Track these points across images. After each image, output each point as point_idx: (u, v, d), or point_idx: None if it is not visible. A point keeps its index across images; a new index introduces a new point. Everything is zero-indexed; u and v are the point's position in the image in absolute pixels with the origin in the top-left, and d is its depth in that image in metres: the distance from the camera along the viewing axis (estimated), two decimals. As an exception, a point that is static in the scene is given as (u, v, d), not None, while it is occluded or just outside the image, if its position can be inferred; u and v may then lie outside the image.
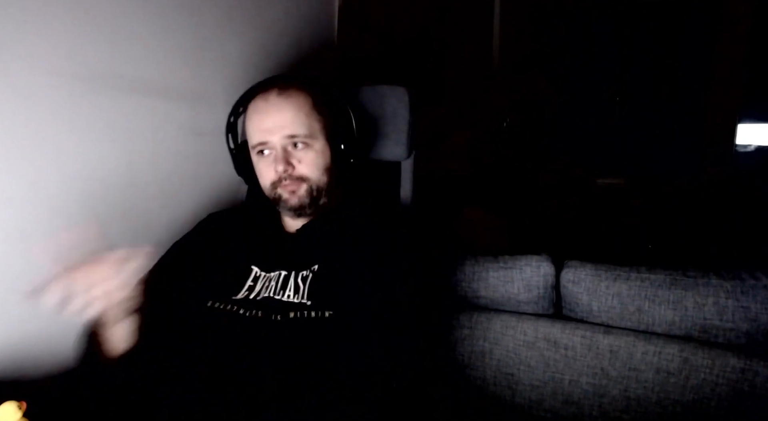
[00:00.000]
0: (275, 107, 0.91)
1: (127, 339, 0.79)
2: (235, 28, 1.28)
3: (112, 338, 0.79)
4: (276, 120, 0.91)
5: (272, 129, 0.91)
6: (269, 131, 0.91)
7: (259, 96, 0.94)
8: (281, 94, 0.92)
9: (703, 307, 1.02)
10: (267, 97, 0.92)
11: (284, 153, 0.91)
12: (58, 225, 0.94)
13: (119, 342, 0.79)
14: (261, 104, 0.93)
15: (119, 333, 0.78)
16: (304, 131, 0.91)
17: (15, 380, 0.89)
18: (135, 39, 1.04)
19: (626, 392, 1.04)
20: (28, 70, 0.87)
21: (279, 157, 0.91)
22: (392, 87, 1.16)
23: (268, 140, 0.91)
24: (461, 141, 2.97)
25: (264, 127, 0.91)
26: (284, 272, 0.90)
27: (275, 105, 0.91)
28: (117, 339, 0.79)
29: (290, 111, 0.91)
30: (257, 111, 0.93)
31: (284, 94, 0.92)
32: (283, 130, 0.90)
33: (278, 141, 0.91)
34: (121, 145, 1.04)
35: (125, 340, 0.79)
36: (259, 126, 0.92)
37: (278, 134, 0.91)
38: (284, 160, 0.91)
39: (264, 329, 0.82)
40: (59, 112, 0.92)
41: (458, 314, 1.19)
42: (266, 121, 0.91)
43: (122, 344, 0.79)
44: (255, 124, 0.93)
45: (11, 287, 0.88)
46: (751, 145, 3.50)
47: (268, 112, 0.91)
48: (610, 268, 1.10)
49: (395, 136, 1.15)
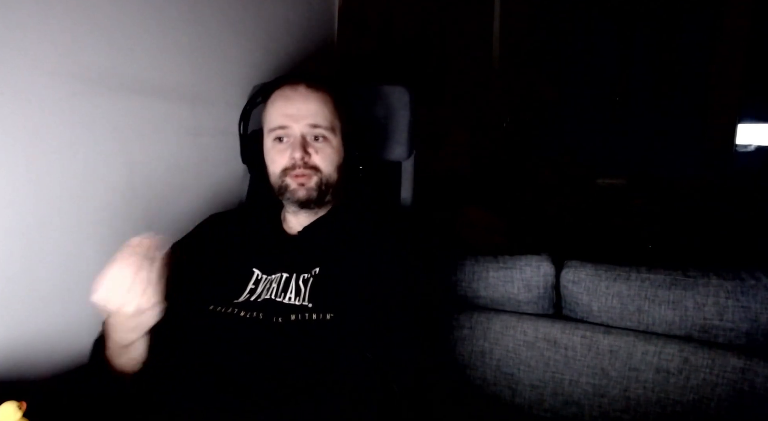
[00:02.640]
0: (303, 96, 0.94)
1: (143, 353, 0.79)
2: (235, 28, 1.28)
3: (131, 351, 0.78)
4: (302, 108, 0.93)
5: (296, 116, 0.92)
6: (293, 117, 0.92)
7: (286, 86, 0.96)
8: (310, 87, 0.95)
9: (703, 307, 1.02)
10: (296, 88, 0.95)
11: (303, 141, 0.93)
12: (58, 225, 0.94)
13: (138, 355, 0.78)
14: (289, 92, 0.95)
15: (141, 347, 0.78)
16: (326, 124, 0.94)
17: (15, 380, 0.89)
18: (135, 39, 1.04)
19: (626, 392, 1.04)
20: (28, 70, 0.87)
21: (297, 144, 0.92)
22: (392, 87, 1.16)
23: (290, 125, 0.93)
24: (461, 141, 2.97)
25: (288, 112, 0.93)
26: (285, 275, 0.90)
27: (303, 95, 0.94)
28: (137, 352, 0.78)
29: (316, 103, 0.93)
30: (284, 97, 0.95)
31: (312, 88, 0.95)
32: (307, 119, 0.92)
33: (300, 128, 0.92)
34: (121, 145, 1.04)
35: (142, 354, 0.78)
36: (284, 111, 0.93)
37: (302, 122, 0.92)
38: (302, 147, 0.92)
39: (265, 332, 0.82)
40: (59, 112, 0.92)
41: (458, 314, 1.19)
42: (292, 107, 0.93)
43: (140, 357, 0.78)
44: (279, 109, 0.94)
45: (11, 287, 0.88)
46: (751, 145, 3.50)
47: (295, 100, 0.93)
48: (610, 268, 1.10)
49: (395, 136, 1.15)
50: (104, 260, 1.02)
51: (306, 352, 0.80)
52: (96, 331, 0.84)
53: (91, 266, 1.00)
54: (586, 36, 3.84)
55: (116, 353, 0.79)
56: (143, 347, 0.78)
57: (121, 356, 0.79)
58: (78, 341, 0.97)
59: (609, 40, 3.78)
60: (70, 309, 0.96)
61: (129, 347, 0.77)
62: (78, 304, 0.97)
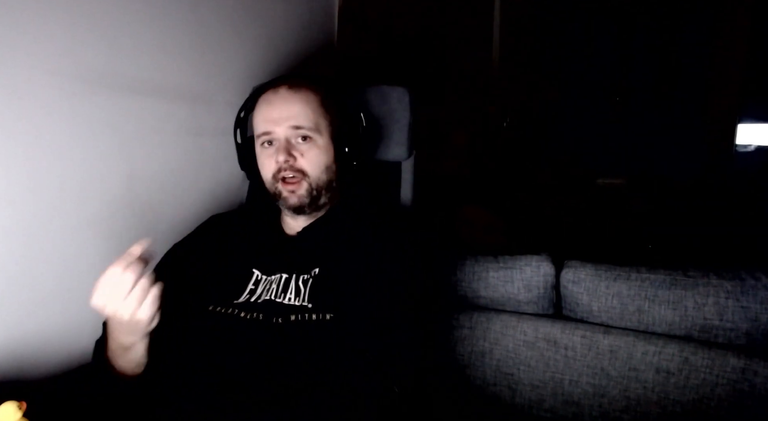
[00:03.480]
0: (283, 99, 0.93)
1: (144, 356, 0.79)
2: (235, 28, 1.28)
3: (132, 353, 0.78)
4: (282, 111, 0.92)
5: (278, 119, 0.92)
6: (275, 121, 0.92)
7: (269, 90, 0.96)
8: (291, 89, 0.94)
9: (703, 307, 1.02)
10: (277, 91, 0.94)
11: (287, 144, 0.92)
12: (58, 225, 0.94)
13: (139, 357, 0.78)
14: (270, 96, 0.95)
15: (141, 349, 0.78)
16: (309, 125, 0.92)
17: (15, 380, 0.89)
18: (135, 39, 1.04)
19: (626, 392, 1.04)
20: (28, 70, 0.87)
21: (281, 147, 0.92)
22: (392, 87, 1.16)
23: (273, 130, 0.92)
24: (461, 141, 2.97)
25: (270, 117, 0.93)
26: (285, 275, 0.90)
27: (283, 97, 0.93)
28: (137, 354, 0.78)
29: (298, 104, 0.93)
30: (266, 102, 0.95)
31: (294, 89, 0.94)
32: (289, 121, 0.92)
33: (282, 132, 0.92)
34: (121, 145, 1.04)
35: (143, 356, 0.78)
36: (266, 116, 0.93)
37: (283, 125, 0.92)
38: (286, 150, 0.91)
39: (265, 332, 0.82)
40: (59, 112, 0.92)
41: (458, 314, 1.19)
42: (273, 111, 0.93)
43: (141, 359, 0.79)
44: (262, 115, 0.94)
45: (11, 287, 0.88)
46: (751, 145, 3.50)
47: (276, 104, 0.93)
48: (610, 268, 1.10)
49: (395, 136, 1.15)
50: (104, 259, 1.02)
51: (306, 352, 0.80)
52: (96, 331, 0.85)
53: (91, 266, 1.00)
54: (586, 36, 3.84)
55: (117, 354, 0.79)
56: (143, 350, 0.78)
57: (121, 356, 0.79)
58: (78, 341, 0.97)
59: (609, 40, 3.78)
60: (70, 309, 0.96)
61: (129, 348, 0.77)
62: (78, 304, 0.97)
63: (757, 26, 3.32)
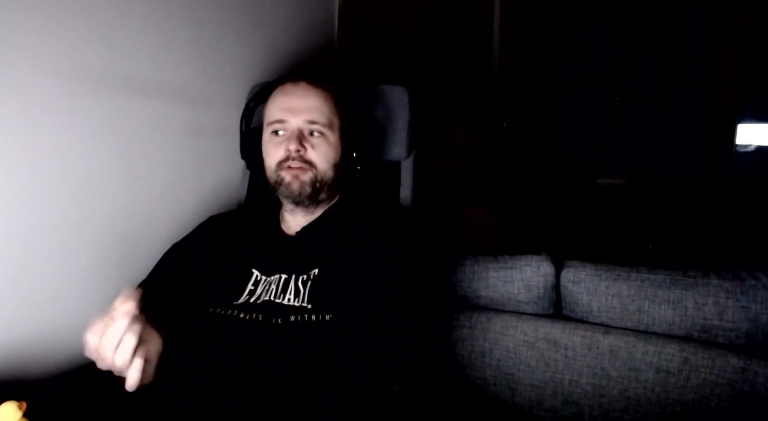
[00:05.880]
0: (303, 92, 0.95)
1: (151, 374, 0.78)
2: (235, 28, 1.28)
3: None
4: (301, 103, 0.94)
5: (295, 110, 0.93)
6: (291, 111, 0.93)
7: (289, 82, 0.98)
8: (311, 84, 0.96)
9: (703, 307, 1.02)
10: (297, 84, 0.96)
11: (299, 134, 0.93)
12: (58, 225, 0.94)
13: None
14: (290, 87, 0.96)
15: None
16: (324, 121, 0.94)
17: (15, 380, 0.89)
18: (135, 39, 1.04)
19: (626, 392, 1.04)
20: (28, 70, 0.87)
21: (293, 137, 0.92)
22: (392, 87, 1.16)
23: (288, 119, 0.93)
24: (461, 141, 2.97)
25: (288, 106, 0.94)
26: (284, 276, 0.90)
27: (304, 90, 0.95)
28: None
29: (316, 99, 0.94)
30: (285, 92, 0.96)
31: (313, 85, 0.96)
32: (305, 114, 0.93)
33: (297, 123, 0.93)
34: (121, 145, 1.04)
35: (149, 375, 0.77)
36: (283, 105, 0.94)
37: (300, 116, 0.93)
38: (298, 140, 0.92)
39: (264, 333, 0.82)
40: (59, 112, 0.92)
41: (458, 314, 1.19)
42: (292, 101, 0.94)
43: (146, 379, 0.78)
44: (279, 103, 0.95)
45: (11, 287, 0.88)
46: (751, 145, 3.50)
47: (295, 94, 0.95)
48: (610, 268, 1.11)
49: (395, 136, 1.15)
50: (104, 260, 1.02)
51: (305, 353, 0.80)
52: (96, 331, 0.84)
53: (91, 265, 1.00)
54: (586, 36, 3.84)
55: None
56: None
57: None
58: (78, 341, 0.96)
59: (609, 40, 3.78)
60: (70, 309, 0.96)
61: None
62: (78, 304, 0.97)
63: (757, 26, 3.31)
